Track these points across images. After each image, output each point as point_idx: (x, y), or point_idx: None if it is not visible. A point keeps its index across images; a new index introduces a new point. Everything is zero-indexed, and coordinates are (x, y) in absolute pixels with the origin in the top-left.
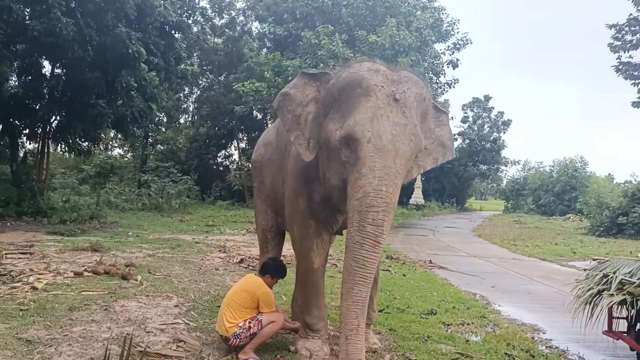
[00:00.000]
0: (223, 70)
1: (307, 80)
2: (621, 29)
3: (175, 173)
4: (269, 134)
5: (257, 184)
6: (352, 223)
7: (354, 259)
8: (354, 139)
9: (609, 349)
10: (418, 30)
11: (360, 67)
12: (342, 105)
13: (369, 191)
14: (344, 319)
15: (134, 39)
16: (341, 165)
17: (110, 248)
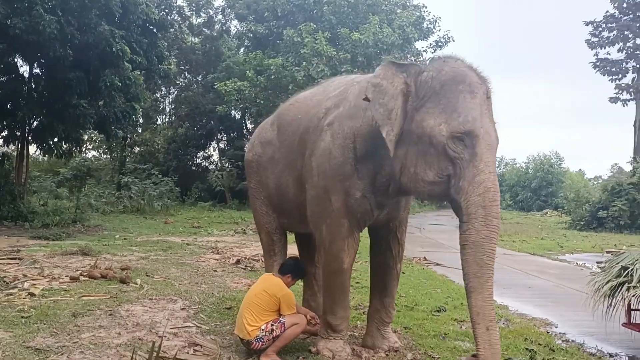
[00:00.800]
0: (201, 70)
1: (394, 70)
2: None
3: (156, 174)
4: (266, 132)
5: (255, 184)
6: (476, 218)
7: (485, 253)
8: (473, 135)
9: (624, 341)
10: (401, 27)
11: (457, 63)
12: (442, 99)
13: (489, 186)
14: (482, 310)
15: (118, 37)
16: (446, 160)
17: (101, 251)
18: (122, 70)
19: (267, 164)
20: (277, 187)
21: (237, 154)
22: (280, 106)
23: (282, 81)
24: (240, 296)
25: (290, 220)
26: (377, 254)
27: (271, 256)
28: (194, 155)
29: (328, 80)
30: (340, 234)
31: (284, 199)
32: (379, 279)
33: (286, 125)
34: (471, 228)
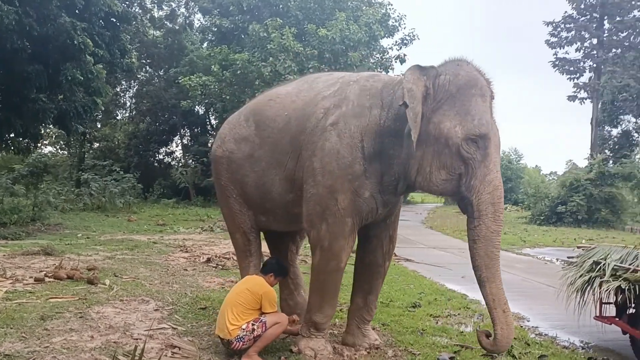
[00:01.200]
0: (163, 64)
1: (419, 74)
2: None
3: (117, 171)
4: (241, 129)
5: (225, 182)
6: (486, 215)
7: (495, 246)
8: (486, 137)
9: (593, 333)
10: (367, 25)
11: (469, 67)
12: (457, 102)
13: (497, 185)
14: (496, 297)
15: (79, 29)
16: (459, 160)
17: (64, 251)
18: (84, 63)
19: (243, 161)
20: (259, 185)
21: (201, 150)
22: (251, 102)
23: (248, 76)
24: (215, 296)
25: (272, 218)
26: (367, 252)
27: (247, 257)
28: (156, 151)
29: (306, 77)
30: (343, 232)
31: (266, 198)
32: (365, 277)
33: (268, 122)
34: (482, 224)
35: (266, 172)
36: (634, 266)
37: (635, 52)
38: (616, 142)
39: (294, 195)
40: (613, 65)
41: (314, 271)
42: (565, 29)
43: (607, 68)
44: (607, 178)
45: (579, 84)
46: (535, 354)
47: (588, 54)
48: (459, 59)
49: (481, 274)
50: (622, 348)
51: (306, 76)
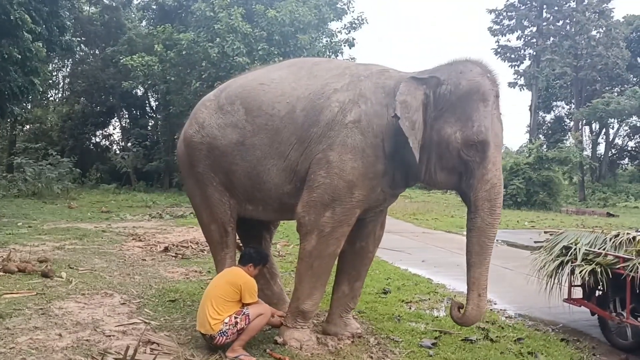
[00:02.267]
0: (100, 42)
1: (416, 85)
2: (500, 14)
3: (54, 155)
4: (225, 114)
5: (203, 169)
6: (483, 209)
7: (487, 236)
8: (485, 143)
9: (559, 314)
10: (317, 7)
11: (472, 73)
12: (458, 109)
13: (495, 183)
14: (477, 280)
15: (15, 3)
16: (460, 163)
17: (7, 242)
18: (22, 41)
19: (231, 149)
20: (251, 174)
21: (142, 133)
22: (232, 84)
23: (194, 57)
24: (182, 287)
25: (261, 208)
26: (360, 238)
27: (223, 249)
28: (92, 134)
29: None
30: (349, 220)
31: (259, 187)
32: (354, 263)
33: (265, 107)
34: (477, 217)
35: (262, 161)
36: (605, 251)
37: (571, 40)
38: (550, 128)
39: (292, 187)
40: (551, 54)
41: (307, 257)
42: (507, 17)
43: (546, 56)
44: (545, 162)
45: (519, 71)
46: (511, 337)
47: (528, 42)
48: (463, 63)
49: (470, 258)
50: (589, 328)
51: (297, 60)
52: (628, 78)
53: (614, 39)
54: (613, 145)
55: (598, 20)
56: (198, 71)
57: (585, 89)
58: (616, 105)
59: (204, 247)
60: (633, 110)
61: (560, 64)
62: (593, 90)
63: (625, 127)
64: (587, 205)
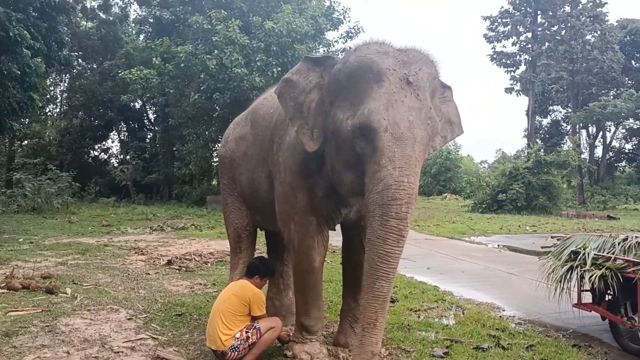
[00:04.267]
0: (97, 56)
1: (310, 65)
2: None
3: (53, 170)
4: (240, 127)
5: (227, 180)
6: (373, 217)
7: (377, 254)
8: (370, 128)
9: (569, 320)
10: (313, 18)
11: (368, 50)
12: (351, 92)
13: (390, 183)
14: (363, 311)
15: (14, 20)
16: (355, 157)
17: (9, 258)
18: (21, 57)
19: (241, 159)
20: (251, 183)
21: (141, 146)
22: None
23: (192, 69)
24: (188, 301)
25: (263, 217)
26: (352, 253)
27: (237, 254)
28: (91, 147)
29: None
30: (309, 231)
31: (256, 196)
32: (353, 277)
33: (259, 120)
34: (369, 227)
35: (256, 169)
36: (614, 255)
37: (566, 45)
38: (547, 132)
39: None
40: (547, 59)
41: (293, 273)
42: (502, 23)
43: (542, 61)
44: (543, 166)
45: (515, 77)
46: (522, 344)
47: (523, 48)
48: (360, 44)
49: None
50: (600, 333)
51: None
52: (623, 81)
53: (609, 43)
54: (610, 148)
55: (592, 24)
56: (196, 83)
57: (581, 92)
58: (613, 108)
59: (207, 259)
60: (629, 113)
61: (556, 68)
62: (589, 94)
63: (622, 129)
64: (587, 208)
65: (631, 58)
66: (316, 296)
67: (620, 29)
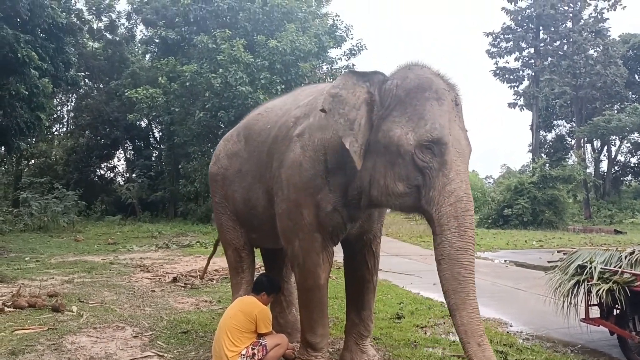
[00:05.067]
0: (103, 76)
1: (355, 80)
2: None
3: (60, 189)
4: (233, 144)
5: (219, 198)
6: (449, 229)
7: (462, 265)
8: (441, 142)
9: (576, 335)
10: (316, 36)
11: (422, 70)
12: (408, 107)
13: (461, 195)
14: (469, 327)
15: (22, 42)
16: (411, 170)
17: (16, 277)
18: (29, 77)
19: (234, 177)
20: (246, 200)
21: (147, 164)
22: (246, 117)
23: (197, 88)
24: (193, 318)
25: (260, 235)
26: (354, 269)
27: (239, 273)
28: (97, 166)
29: (298, 89)
30: (314, 248)
31: (253, 213)
32: (356, 293)
33: (255, 136)
34: (445, 241)
35: (253, 186)
36: (621, 269)
37: (569, 60)
38: (551, 146)
39: (274, 210)
40: (550, 74)
41: (297, 290)
42: (504, 39)
43: (545, 76)
44: (549, 181)
45: (518, 92)
46: (530, 359)
47: (526, 63)
48: (412, 63)
49: (450, 300)
50: (609, 348)
51: (298, 88)
52: (627, 95)
53: (612, 58)
54: (616, 162)
55: (595, 39)
56: (201, 101)
57: (585, 107)
58: (617, 122)
59: (213, 276)
60: (634, 127)
61: (559, 83)
62: (593, 108)
63: (626, 143)
64: (594, 222)
65: (634, 72)
66: (322, 313)
67: (623, 43)
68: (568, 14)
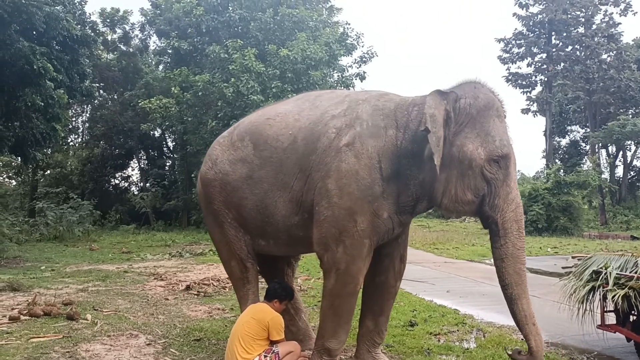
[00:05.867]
0: (118, 87)
1: (440, 99)
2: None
3: (75, 198)
4: (235, 149)
5: (218, 206)
6: (511, 232)
7: (522, 262)
8: (508, 157)
9: (593, 342)
10: (327, 44)
11: (484, 88)
12: (477, 124)
13: (519, 202)
14: (527, 312)
15: (38, 54)
16: (483, 181)
17: (32, 286)
18: (44, 89)
19: (240, 183)
20: (260, 208)
21: (160, 174)
22: (243, 121)
23: (210, 97)
24: (206, 325)
25: (272, 242)
26: (378, 273)
27: (244, 284)
28: (112, 176)
29: (304, 95)
30: (361, 254)
31: (268, 221)
32: (375, 298)
33: (270, 141)
34: (508, 242)
35: (268, 194)
36: (637, 274)
37: (582, 65)
38: (566, 152)
39: (299, 218)
40: (563, 79)
41: (328, 295)
42: (516, 45)
43: (558, 81)
44: (563, 187)
45: (531, 97)
46: None
47: (539, 69)
48: (474, 81)
49: (512, 291)
50: (626, 355)
51: (304, 94)
52: None
53: (625, 62)
54: (631, 167)
55: (608, 44)
56: (214, 111)
57: (599, 112)
58: (632, 127)
59: (226, 284)
60: None
61: (573, 88)
62: (607, 113)
63: None
64: (610, 229)
65: None
66: (349, 319)
67: (637, 47)
68: (580, 19)
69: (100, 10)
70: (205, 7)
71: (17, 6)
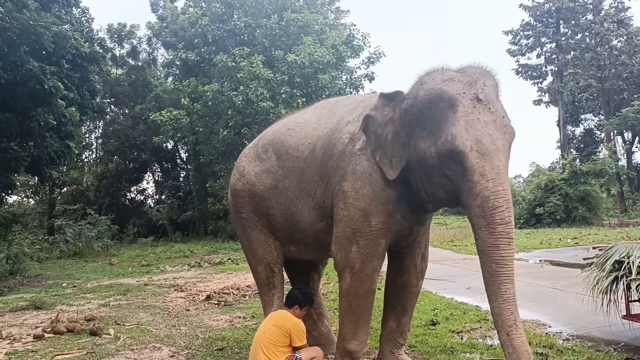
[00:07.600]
0: (128, 101)
1: (384, 101)
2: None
3: (92, 214)
4: (259, 161)
5: (248, 214)
6: (480, 228)
7: (493, 260)
8: (457, 152)
9: (619, 332)
10: (334, 46)
11: (434, 81)
12: (427, 122)
13: (487, 195)
14: (499, 318)
15: (49, 73)
16: (445, 178)
17: (54, 303)
18: (56, 107)
19: (267, 193)
20: (287, 216)
21: (175, 185)
22: (266, 132)
23: (220, 106)
24: (228, 335)
25: (302, 248)
26: (399, 273)
27: (270, 289)
28: (127, 190)
29: (323, 102)
30: (376, 253)
31: (295, 228)
32: (398, 298)
33: (291, 151)
34: (478, 239)
35: (294, 202)
36: None
37: (592, 52)
38: (580, 141)
39: (325, 223)
40: (574, 67)
41: (345, 296)
42: (524, 36)
43: (569, 70)
44: (580, 176)
45: (543, 88)
46: None
47: (549, 59)
48: (430, 72)
49: (486, 291)
50: None
51: (322, 101)
52: None
53: (637, 47)
54: None
55: (618, 29)
56: (225, 120)
57: (612, 99)
58: None
59: (245, 292)
60: None
61: (584, 76)
62: (621, 99)
63: None
64: (630, 216)
65: None
66: (368, 319)
67: None
68: (588, 6)
69: (107, 26)
70: (210, 17)
71: (26, 27)
